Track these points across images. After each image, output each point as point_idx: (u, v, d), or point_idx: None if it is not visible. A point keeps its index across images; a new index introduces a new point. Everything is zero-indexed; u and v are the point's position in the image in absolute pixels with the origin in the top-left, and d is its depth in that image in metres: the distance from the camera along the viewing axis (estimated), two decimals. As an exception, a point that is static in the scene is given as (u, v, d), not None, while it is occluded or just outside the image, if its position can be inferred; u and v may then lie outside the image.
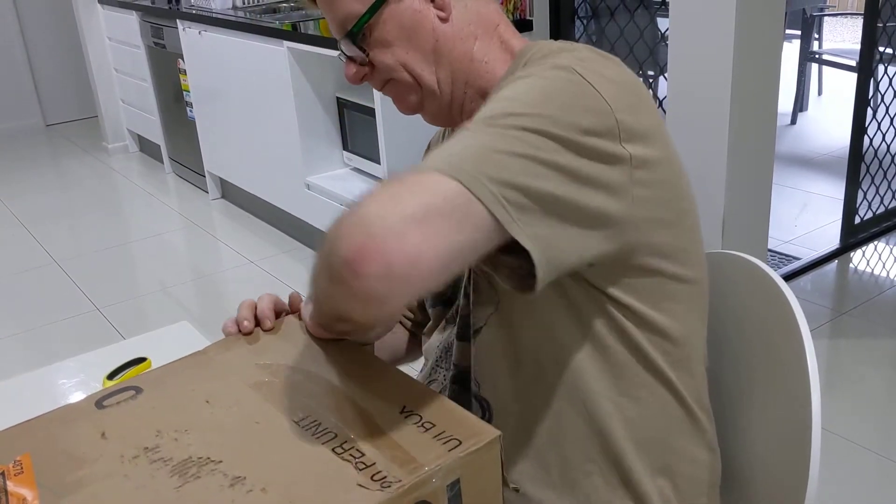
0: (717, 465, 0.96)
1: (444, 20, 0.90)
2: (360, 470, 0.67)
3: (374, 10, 0.88)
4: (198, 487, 0.67)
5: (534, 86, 0.78)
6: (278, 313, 0.93)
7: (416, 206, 0.64)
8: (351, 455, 0.69)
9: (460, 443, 0.67)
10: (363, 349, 0.86)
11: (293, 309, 0.94)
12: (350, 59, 0.93)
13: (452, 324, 0.99)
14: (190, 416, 0.76)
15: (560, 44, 0.88)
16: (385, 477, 0.65)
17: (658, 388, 0.88)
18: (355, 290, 0.64)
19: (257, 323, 0.90)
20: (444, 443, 0.68)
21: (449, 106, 0.94)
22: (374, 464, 0.67)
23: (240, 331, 0.89)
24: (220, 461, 0.70)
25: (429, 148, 1.12)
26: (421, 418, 0.72)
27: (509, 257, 0.72)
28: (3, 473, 0.70)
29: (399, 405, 0.74)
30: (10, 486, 0.69)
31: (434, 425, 0.70)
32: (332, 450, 0.69)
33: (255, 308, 0.91)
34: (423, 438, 0.69)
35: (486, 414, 0.91)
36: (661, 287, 0.85)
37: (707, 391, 0.95)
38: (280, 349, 0.86)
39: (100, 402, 0.79)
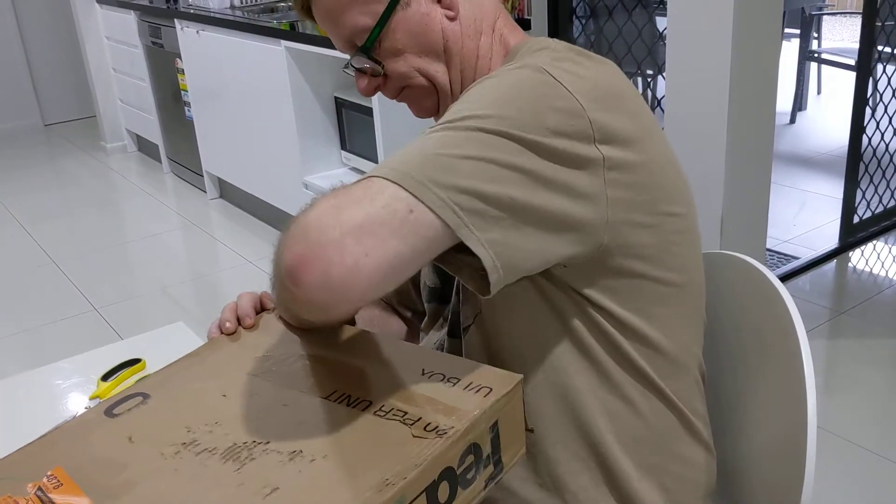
0: (712, 467, 0.95)
1: (452, 19, 0.90)
2: (410, 425, 0.70)
3: (383, 21, 0.88)
4: (258, 467, 0.67)
5: (497, 85, 0.78)
6: (259, 310, 0.93)
7: (357, 216, 0.65)
8: (394, 415, 0.71)
9: (491, 389, 0.72)
10: (351, 328, 0.86)
11: (268, 306, 0.93)
12: (360, 71, 0.92)
13: (448, 321, 0.99)
14: (213, 411, 0.75)
15: (545, 42, 0.88)
16: (437, 426, 0.69)
17: (643, 389, 0.87)
18: (297, 297, 0.67)
19: (240, 323, 0.90)
20: (477, 391, 0.72)
21: None
22: (421, 418, 0.70)
23: (223, 332, 0.88)
24: (268, 441, 0.70)
25: None
26: (444, 376, 0.75)
27: (468, 257, 0.72)
28: (41, 489, 0.68)
29: (418, 368, 0.76)
30: (57, 498, 0.67)
31: (459, 379, 0.74)
32: (374, 413, 0.71)
33: (236, 308, 0.90)
34: (455, 391, 0.73)
35: None
36: (641, 290, 0.84)
37: (703, 397, 0.94)
38: (270, 342, 0.86)
39: (109, 411, 0.78)
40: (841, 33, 6.46)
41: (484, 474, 0.72)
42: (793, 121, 4.58)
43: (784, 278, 2.77)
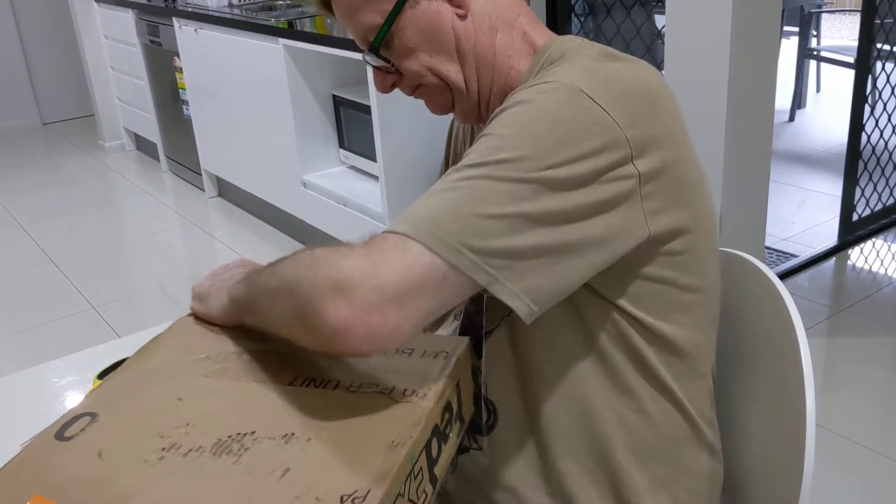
0: (719, 474, 0.95)
1: (462, 17, 0.89)
2: (388, 393, 0.73)
3: (391, 20, 0.87)
4: (256, 454, 0.67)
5: (531, 115, 0.76)
6: None
7: (397, 284, 0.68)
8: (367, 388, 0.74)
9: (448, 353, 0.79)
10: None
11: None
12: (377, 69, 0.93)
13: (458, 319, 0.98)
14: (178, 414, 0.74)
15: (575, 43, 0.87)
16: (415, 391, 0.73)
17: (660, 399, 0.87)
18: (334, 347, 0.69)
19: None
20: (434, 357, 0.78)
21: (477, 103, 0.93)
22: (395, 386, 0.74)
23: None
24: (254, 431, 0.70)
25: (451, 130, 1.11)
26: (395, 349, 0.78)
27: None
28: None
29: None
30: None
31: (413, 349, 0.79)
32: (347, 390, 0.74)
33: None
34: (414, 360, 0.78)
35: (492, 417, 0.90)
36: (669, 297, 0.84)
37: (713, 402, 0.94)
38: (200, 343, 0.86)
39: (60, 434, 0.74)
40: (840, 31, 6.46)
41: (455, 429, 0.78)
42: (792, 118, 4.58)
43: (783, 276, 2.77)
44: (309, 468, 0.65)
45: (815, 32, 4.81)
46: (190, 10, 3.58)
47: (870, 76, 2.95)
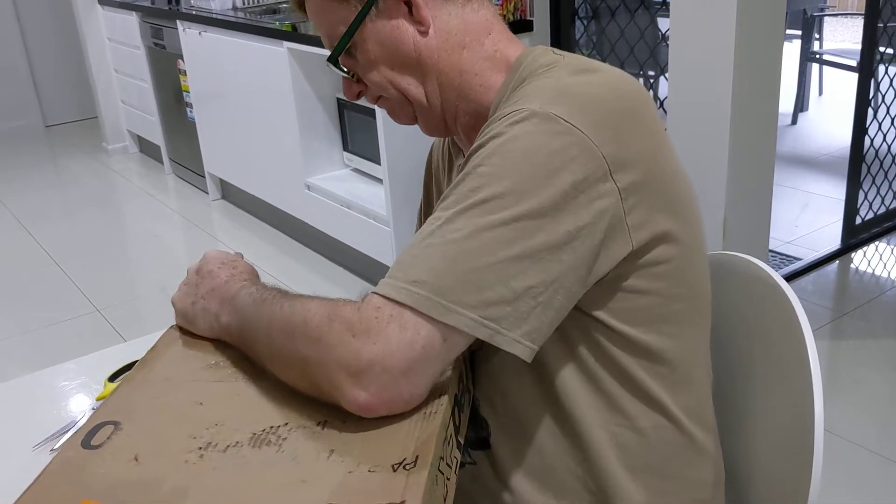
0: (721, 482, 0.94)
1: (423, 34, 0.88)
2: None
3: (352, 31, 0.88)
4: (296, 442, 0.70)
5: (510, 151, 0.75)
6: None
7: (403, 362, 0.71)
8: None
9: None
10: None
11: None
12: (345, 75, 0.93)
13: None
14: (203, 416, 0.75)
15: (548, 58, 0.86)
16: None
17: (652, 414, 0.86)
18: (355, 412, 0.72)
19: None
20: None
21: (442, 118, 0.93)
22: None
23: None
24: (286, 422, 0.73)
25: (430, 158, 1.11)
26: None
27: None
28: None
29: None
30: None
31: None
32: None
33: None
34: None
35: (484, 432, 0.90)
36: (656, 309, 0.83)
37: (711, 408, 0.93)
38: (201, 351, 0.87)
39: (86, 443, 0.73)
40: (842, 34, 6.46)
41: (465, 400, 0.83)
42: (794, 122, 4.59)
43: (786, 279, 2.75)
44: (352, 446, 0.69)
45: (817, 36, 4.81)
46: (194, 13, 3.58)
47: (873, 79, 2.95)
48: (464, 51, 0.89)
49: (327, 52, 0.92)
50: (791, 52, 4.60)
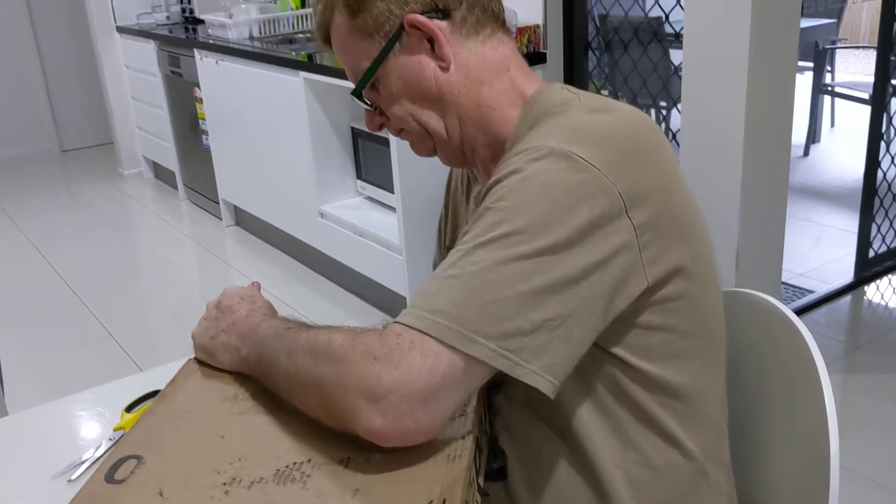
0: None
1: (444, 69, 0.90)
2: None
3: (375, 66, 0.90)
4: (320, 480, 0.70)
5: (528, 188, 0.77)
6: None
7: (423, 389, 0.71)
8: None
9: None
10: None
11: None
12: (368, 108, 0.96)
13: None
14: (226, 451, 0.75)
15: (562, 96, 0.88)
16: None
17: (666, 448, 0.86)
18: (369, 438, 0.72)
19: None
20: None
21: (461, 150, 0.95)
22: None
23: None
24: (309, 459, 0.72)
25: (450, 179, 1.13)
26: None
27: None
28: None
29: None
30: None
31: None
32: None
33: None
34: None
35: (501, 463, 0.90)
36: (670, 345, 0.84)
37: (726, 443, 0.93)
38: (219, 383, 0.88)
39: (110, 478, 0.74)
40: (854, 66, 6.48)
41: (483, 441, 0.83)
42: (806, 153, 4.59)
43: (799, 312, 2.76)
44: (377, 487, 0.69)
45: (829, 68, 4.83)
46: (211, 42, 3.63)
47: (885, 113, 2.96)
48: (483, 86, 0.91)
49: (343, 83, 0.95)
50: (803, 84, 4.61)
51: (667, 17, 2.63)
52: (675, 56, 2.63)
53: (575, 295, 0.75)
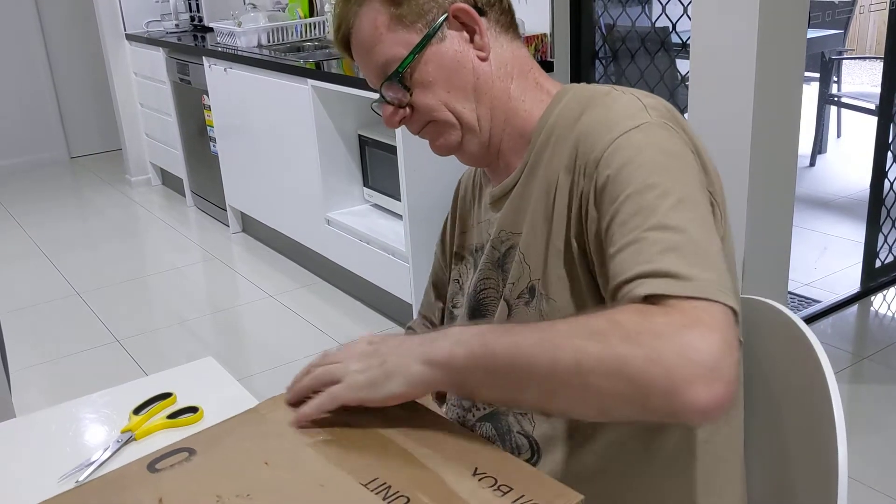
0: None
1: (483, 59, 0.94)
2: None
3: (416, 51, 0.92)
4: None
5: (649, 155, 0.81)
6: None
7: (737, 348, 0.67)
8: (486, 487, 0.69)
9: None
10: (411, 404, 0.83)
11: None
12: (388, 103, 0.96)
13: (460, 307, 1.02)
14: (250, 480, 0.75)
15: (592, 89, 0.92)
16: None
17: (693, 453, 0.88)
18: (703, 412, 0.66)
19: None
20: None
21: (488, 144, 0.97)
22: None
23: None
24: None
25: (458, 187, 1.13)
26: (496, 481, 0.70)
27: None
28: None
29: (470, 467, 0.72)
30: None
31: (511, 488, 0.69)
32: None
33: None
34: (502, 502, 0.68)
35: (535, 455, 0.91)
36: None
37: (741, 437, 0.95)
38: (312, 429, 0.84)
39: (152, 465, 0.78)
40: (860, 77, 6.47)
41: None
42: (812, 163, 4.58)
43: (805, 322, 2.74)
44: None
45: (835, 78, 4.83)
46: (220, 49, 3.65)
47: (892, 123, 2.96)
48: (513, 80, 0.96)
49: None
50: (809, 94, 4.61)
51: (674, 26, 2.64)
52: (682, 66, 2.63)
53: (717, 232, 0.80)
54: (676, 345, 0.65)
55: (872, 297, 3.01)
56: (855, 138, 5.00)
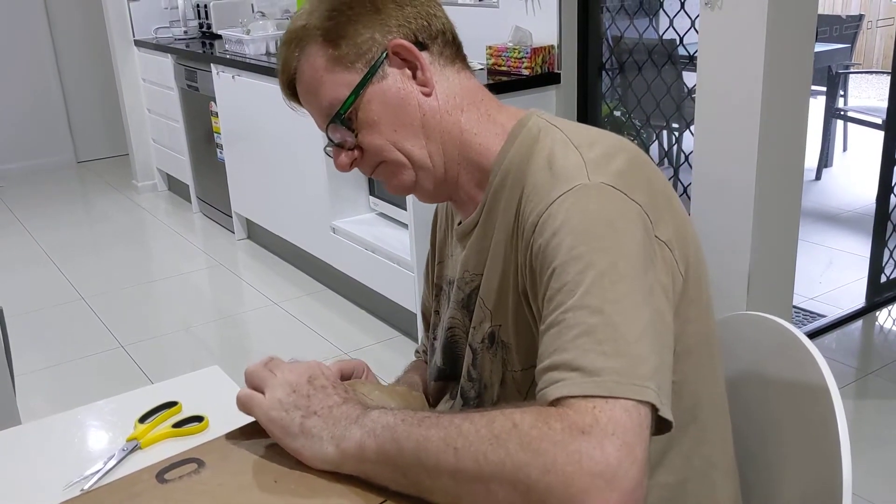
0: None
1: (427, 95, 0.91)
2: None
3: (357, 91, 0.90)
4: None
5: (584, 226, 0.77)
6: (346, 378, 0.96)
7: (643, 452, 0.66)
8: None
9: None
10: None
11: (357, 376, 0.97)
12: (338, 146, 0.94)
13: (454, 399, 1.01)
14: (258, 497, 0.75)
15: (542, 123, 0.90)
16: None
17: (682, 465, 0.87)
18: None
19: None
20: None
21: (444, 179, 0.95)
22: None
23: None
24: None
25: (435, 215, 1.13)
26: None
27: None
28: None
29: None
30: None
31: None
32: None
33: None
34: None
35: None
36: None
37: (731, 449, 0.94)
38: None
39: (161, 475, 0.78)
40: (867, 91, 6.47)
41: None
42: (818, 177, 4.58)
43: (810, 336, 2.74)
44: None
45: (842, 92, 4.83)
46: (228, 56, 3.67)
47: (899, 138, 2.95)
48: (463, 113, 0.93)
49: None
50: (815, 108, 4.62)
51: (681, 39, 2.64)
52: (689, 78, 2.64)
53: (668, 308, 0.78)
54: (572, 454, 0.64)
55: (877, 313, 3.00)
56: (861, 152, 4.99)
